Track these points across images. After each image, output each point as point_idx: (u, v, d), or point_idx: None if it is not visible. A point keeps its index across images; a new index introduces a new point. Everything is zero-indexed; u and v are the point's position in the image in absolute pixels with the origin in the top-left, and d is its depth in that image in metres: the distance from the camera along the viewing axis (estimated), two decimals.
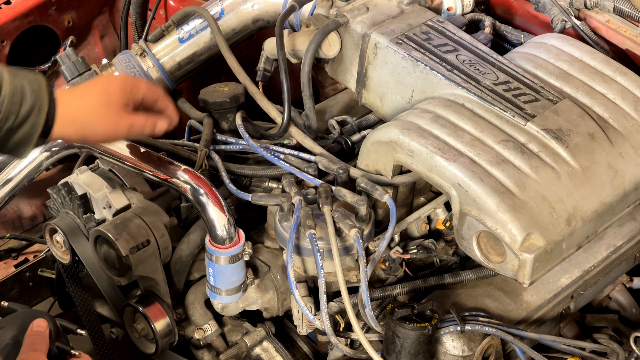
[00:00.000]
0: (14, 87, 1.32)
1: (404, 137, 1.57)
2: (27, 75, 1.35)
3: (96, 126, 1.43)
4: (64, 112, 1.37)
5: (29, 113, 1.33)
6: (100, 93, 1.44)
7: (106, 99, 1.43)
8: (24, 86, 1.33)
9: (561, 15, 1.97)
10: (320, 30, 1.79)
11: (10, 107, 1.32)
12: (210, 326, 1.75)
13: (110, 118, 1.43)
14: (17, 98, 1.32)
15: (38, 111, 1.34)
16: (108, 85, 1.45)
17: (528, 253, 1.44)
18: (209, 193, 1.56)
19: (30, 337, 1.39)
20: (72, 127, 1.40)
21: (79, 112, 1.40)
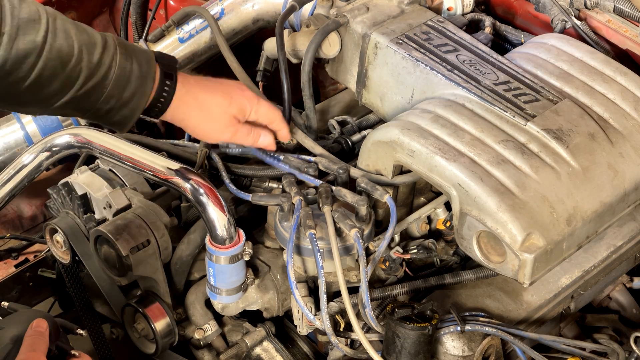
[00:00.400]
0: (122, 70, 1.38)
1: (404, 137, 1.57)
2: (139, 56, 1.41)
3: (204, 124, 1.52)
4: (181, 99, 1.46)
5: (131, 97, 1.40)
6: (221, 93, 1.53)
7: (224, 103, 1.52)
8: (132, 70, 1.39)
9: (561, 15, 1.97)
10: (321, 30, 1.80)
11: (114, 91, 1.38)
12: (211, 326, 1.75)
13: (220, 122, 1.53)
14: (122, 82, 1.38)
15: (140, 96, 1.41)
16: (232, 90, 1.56)
17: (528, 253, 1.44)
18: (209, 193, 1.56)
19: (29, 337, 1.39)
20: (181, 116, 1.49)
21: (194, 103, 1.48)
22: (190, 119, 1.54)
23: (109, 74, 1.38)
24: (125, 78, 1.40)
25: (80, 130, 1.68)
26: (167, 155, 1.72)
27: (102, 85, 1.39)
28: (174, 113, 1.49)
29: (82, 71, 1.37)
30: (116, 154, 1.63)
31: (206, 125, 1.55)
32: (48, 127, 2.13)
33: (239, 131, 1.57)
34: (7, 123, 2.15)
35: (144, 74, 1.41)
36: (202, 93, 1.52)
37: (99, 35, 1.41)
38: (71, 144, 1.66)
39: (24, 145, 2.10)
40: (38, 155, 1.67)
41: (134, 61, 1.41)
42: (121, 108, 1.41)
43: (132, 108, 1.42)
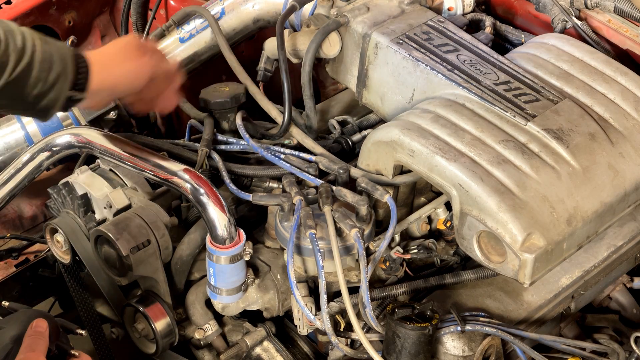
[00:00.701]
0: (44, 54, 1.40)
1: (404, 137, 1.57)
2: (55, 43, 1.44)
3: (124, 68, 1.54)
4: (96, 63, 1.47)
5: (56, 79, 1.41)
6: (118, 42, 1.58)
7: (126, 45, 1.56)
8: (52, 54, 1.41)
9: (562, 15, 1.97)
10: (321, 30, 1.80)
11: (40, 74, 1.39)
12: (211, 326, 1.75)
13: (134, 56, 1.55)
14: (46, 65, 1.40)
15: (64, 78, 1.42)
16: (122, 38, 1.63)
17: (528, 253, 1.44)
18: (210, 193, 1.56)
19: (29, 337, 1.39)
20: (104, 76, 1.50)
21: (106, 60, 1.51)
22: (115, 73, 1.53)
23: (35, 57, 1.40)
24: (49, 60, 1.41)
25: (80, 130, 1.68)
26: (168, 155, 1.72)
27: (30, 68, 1.40)
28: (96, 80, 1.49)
29: (11, 55, 1.38)
30: (116, 154, 1.63)
31: (127, 68, 1.55)
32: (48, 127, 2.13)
33: (154, 58, 1.59)
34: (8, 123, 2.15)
35: (64, 56, 1.43)
36: (107, 50, 1.56)
37: (14, 24, 1.44)
38: (71, 144, 1.66)
39: (24, 145, 2.09)
40: (38, 155, 1.67)
41: (52, 46, 1.44)
42: (48, 91, 1.43)
43: (58, 90, 1.43)
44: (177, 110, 2.34)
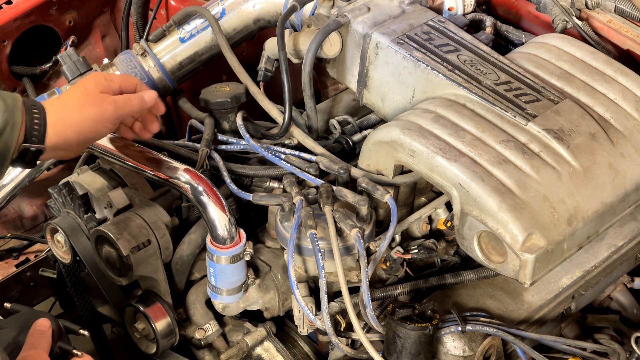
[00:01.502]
0: None
1: (405, 137, 1.57)
2: (3, 93, 1.38)
3: (83, 116, 1.45)
4: (53, 114, 1.41)
5: (1, 131, 1.35)
6: (77, 88, 1.49)
7: (84, 91, 1.47)
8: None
9: (562, 16, 1.97)
10: (322, 30, 1.79)
11: None
12: (211, 326, 1.75)
13: (94, 103, 1.46)
14: None
15: (11, 128, 1.36)
16: (83, 82, 1.51)
17: (529, 253, 1.44)
18: (210, 193, 1.56)
19: (32, 336, 1.39)
20: (63, 126, 1.43)
21: (64, 109, 1.44)
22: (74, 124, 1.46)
23: None
24: None
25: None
26: (168, 155, 1.72)
27: None
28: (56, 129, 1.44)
29: None
30: (117, 154, 1.63)
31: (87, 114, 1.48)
32: None
33: (118, 102, 1.50)
34: None
35: (11, 107, 1.38)
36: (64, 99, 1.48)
37: None
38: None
39: None
40: None
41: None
42: None
43: (5, 142, 1.38)
44: (177, 110, 2.35)
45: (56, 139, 1.42)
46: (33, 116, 1.39)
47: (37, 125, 1.40)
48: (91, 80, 1.50)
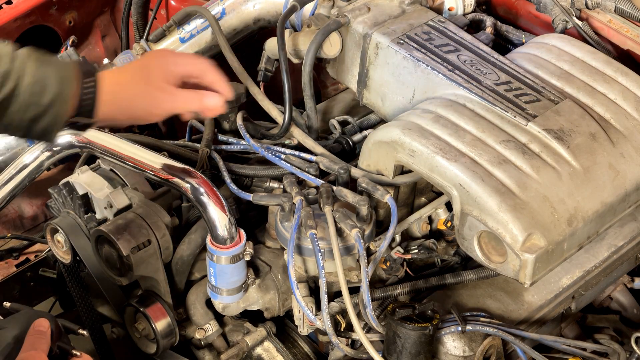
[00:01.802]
0: (35, 78, 1.33)
1: (405, 137, 1.57)
2: (56, 63, 1.36)
3: (136, 102, 1.43)
4: (106, 92, 1.38)
5: (51, 103, 1.34)
6: (139, 69, 1.45)
7: (145, 74, 1.44)
8: (47, 76, 1.33)
9: (562, 16, 1.97)
10: (322, 30, 1.80)
11: (30, 98, 1.33)
12: (211, 326, 1.75)
13: (150, 93, 1.43)
14: (37, 88, 1.33)
15: (62, 101, 1.34)
16: (147, 61, 1.47)
17: (529, 253, 1.44)
18: (210, 193, 1.56)
19: (31, 336, 1.39)
20: (115, 106, 1.41)
21: (119, 89, 1.41)
22: (123, 108, 1.44)
23: (21, 81, 1.33)
24: (41, 84, 1.34)
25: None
26: (168, 155, 1.72)
27: (15, 93, 1.34)
28: (105, 108, 1.41)
29: None
30: (117, 154, 1.63)
31: (141, 106, 1.44)
32: None
33: (178, 98, 1.45)
34: None
35: (62, 79, 1.36)
36: (122, 76, 1.44)
37: (8, 47, 1.36)
38: (72, 144, 1.66)
39: (25, 145, 2.09)
40: (39, 155, 1.67)
41: (50, 68, 1.36)
42: (42, 115, 1.36)
43: (54, 114, 1.36)
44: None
45: (105, 116, 1.40)
46: (84, 91, 1.37)
47: (89, 100, 1.37)
48: (155, 61, 1.46)
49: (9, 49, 1.35)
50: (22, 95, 1.33)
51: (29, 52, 1.36)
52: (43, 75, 1.34)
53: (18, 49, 1.36)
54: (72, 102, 1.36)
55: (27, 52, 1.36)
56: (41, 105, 1.34)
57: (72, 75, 1.35)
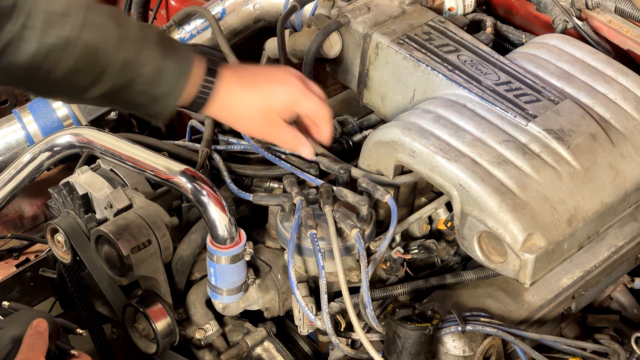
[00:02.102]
0: (155, 68, 1.37)
1: (405, 137, 1.57)
2: (179, 54, 1.39)
3: (242, 120, 1.50)
4: (220, 98, 1.44)
5: (163, 95, 1.39)
6: (263, 91, 1.48)
7: (266, 102, 1.48)
8: (166, 69, 1.37)
9: (562, 16, 1.97)
10: (322, 30, 1.80)
11: (145, 88, 1.38)
12: (212, 326, 1.75)
13: (260, 120, 1.48)
14: (155, 80, 1.38)
15: (173, 95, 1.40)
16: (277, 96, 1.49)
17: (529, 253, 1.44)
18: (210, 193, 1.56)
19: (29, 337, 1.38)
20: (222, 113, 1.47)
21: (233, 102, 1.46)
22: (231, 117, 1.51)
23: (142, 72, 1.37)
24: (158, 76, 1.38)
25: (81, 130, 1.68)
26: (168, 155, 1.72)
27: (133, 82, 1.37)
28: (214, 111, 1.47)
29: (113, 68, 1.35)
30: (117, 154, 1.63)
31: (247, 124, 1.52)
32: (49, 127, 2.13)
33: (280, 135, 1.52)
34: (9, 123, 2.15)
35: (179, 74, 1.39)
36: (243, 91, 1.47)
37: (138, 30, 1.38)
38: (72, 144, 1.66)
39: (25, 145, 2.10)
40: (39, 155, 1.67)
41: (171, 59, 1.39)
42: (152, 104, 1.40)
43: (164, 105, 1.41)
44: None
45: (209, 114, 1.48)
46: (200, 89, 1.41)
47: (201, 100, 1.43)
48: (281, 99, 1.49)
49: (137, 30, 1.37)
50: (138, 84, 1.37)
51: (156, 36, 1.38)
52: (162, 66, 1.37)
53: (148, 29, 1.39)
54: (184, 97, 1.40)
55: (155, 36, 1.38)
56: (153, 95, 1.39)
57: (192, 72, 1.39)
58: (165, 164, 1.59)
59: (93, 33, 1.33)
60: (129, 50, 1.35)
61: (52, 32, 1.30)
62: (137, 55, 1.36)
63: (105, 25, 1.35)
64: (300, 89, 1.52)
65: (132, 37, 1.36)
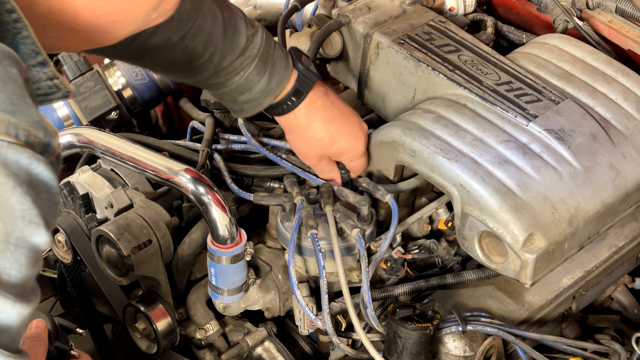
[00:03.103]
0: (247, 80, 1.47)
1: (405, 137, 1.57)
2: (276, 70, 1.49)
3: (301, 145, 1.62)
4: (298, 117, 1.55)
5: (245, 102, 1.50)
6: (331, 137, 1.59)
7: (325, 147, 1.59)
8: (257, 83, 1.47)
9: (563, 16, 1.97)
10: (322, 31, 1.79)
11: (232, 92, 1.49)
12: (212, 326, 1.75)
13: (314, 153, 1.61)
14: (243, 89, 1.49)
15: (254, 105, 1.51)
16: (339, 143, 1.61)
17: (530, 253, 1.44)
18: (211, 193, 1.56)
19: (28, 339, 1.38)
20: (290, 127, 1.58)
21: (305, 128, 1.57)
22: (292, 135, 1.61)
23: (233, 79, 1.46)
24: (247, 88, 1.47)
25: (82, 130, 1.68)
26: (169, 155, 1.72)
27: (222, 85, 1.47)
28: (284, 121, 1.57)
29: (207, 70, 1.44)
30: (118, 154, 1.63)
31: (301, 147, 1.63)
32: None
33: (321, 165, 1.64)
34: None
35: (268, 91, 1.48)
36: (316, 122, 1.57)
37: (245, 38, 1.45)
38: (73, 144, 1.66)
39: None
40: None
41: (266, 74, 1.48)
42: (234, 103, 1.52)
43: (243, 109, 1.52)
44: (178, 111, 2.34)
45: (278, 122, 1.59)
46: (283, 105, 1.52)
47: (277, 112, 1.54)
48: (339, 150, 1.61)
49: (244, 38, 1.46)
50: (227, 86, 1.48)
51: (260, 47, 1.47)
52: (255, 80, 1.47)
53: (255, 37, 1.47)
54: (262, 108, 1.51)
55: (258, 46, 1.47)
56: (237, 101, 1.50)
57: (279, 91, 1.49)
58: (166, 164, 1.59)
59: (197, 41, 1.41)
60: (226, 60, 1.45)
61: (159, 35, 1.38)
62: (233, 65, 1.45)
63: (214, 34, 1.43)
64: (358, 152, 1.63)
65: (236, 49, 1.45)
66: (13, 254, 0.84)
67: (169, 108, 2.45)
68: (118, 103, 2.08)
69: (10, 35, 0.89)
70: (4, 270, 0.84)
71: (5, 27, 0.88)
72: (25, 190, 0.84)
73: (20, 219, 0.84)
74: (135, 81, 2.07)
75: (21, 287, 0.86)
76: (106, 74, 2.07)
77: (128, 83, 2.08)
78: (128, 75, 2.07)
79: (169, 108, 2.45)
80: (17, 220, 0.84)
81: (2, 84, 0.83)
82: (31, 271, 0.87)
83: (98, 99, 2.04)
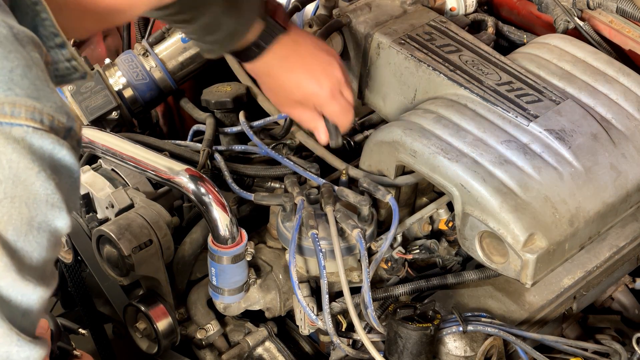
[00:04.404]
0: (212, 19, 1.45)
1: (406, 138, 1.57)
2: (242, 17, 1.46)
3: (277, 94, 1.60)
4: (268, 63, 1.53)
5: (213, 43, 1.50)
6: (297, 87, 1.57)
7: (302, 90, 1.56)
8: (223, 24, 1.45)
9: (564, 16, 1.97)
10: (323, 30, 1.79)
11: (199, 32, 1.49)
12: (213, 326, 1.75)
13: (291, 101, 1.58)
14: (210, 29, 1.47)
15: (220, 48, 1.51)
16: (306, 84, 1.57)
17: (530, 253, 1.44)
18: (212, 193, 1.56)
19: None
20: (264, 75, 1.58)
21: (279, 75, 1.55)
22: (262, 84, 1.62)
23: (199, 18, 1.44)
24: (213, 28, 1.46)
25: (82, 130, 1.68)
26: (170, 155, 1.72)
27: (190, 20, 1.46)
28: (251, 68, 1.56)
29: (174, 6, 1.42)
30: (118, 154, 1.63)
31: (270, 95, 1.63)
32: None
33: (296, 113, 1.62)
34: None
35: (233, 34, 1.47)
36: (278, 69, 1.55)
37: None
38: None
39: None
40: None
41: (233, 16, 1.45)
42: (200, 41, 1.52)
43: (210, 49, 1.52)
44: (178, 111, 2.35)
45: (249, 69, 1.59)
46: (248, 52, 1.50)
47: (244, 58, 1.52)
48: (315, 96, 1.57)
49: None
50: (194, 25, 1.47)
51: None
52: (219, 22, 1.45)
53: None
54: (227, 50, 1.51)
55: None
56: (205, 41, 1.51)
57: (245, 33, 1.47)
58: (166, 164, 1.59)
59: None
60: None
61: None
62: (201, 2, 1.43)
63: None
64: (329, 92, 1.57)
65: None
66: (35, 238, 0.85)
67: (170, 108, 2.45)
68: (119, 103, 2.08)
69: (30, 17, 0.90)
70: (26, 254, 0.85)
71: (24, 10, 0.89)
72: (49, 174, 0.85)
73: (44, 203, 0.85)
74: (136, 81, 2.07)
75: (42, 270, 0.87)
76: (107, 74, 2.07)
77: (129, 83, 2.08)
78: (129, 75, 2.07)
79: (170, 108, 2.45)
80: (41, 204, 0.85)
81: (27, 70, 0.84)
82: (51, 254, 0.89)
83: (99, 99, 2.04)
